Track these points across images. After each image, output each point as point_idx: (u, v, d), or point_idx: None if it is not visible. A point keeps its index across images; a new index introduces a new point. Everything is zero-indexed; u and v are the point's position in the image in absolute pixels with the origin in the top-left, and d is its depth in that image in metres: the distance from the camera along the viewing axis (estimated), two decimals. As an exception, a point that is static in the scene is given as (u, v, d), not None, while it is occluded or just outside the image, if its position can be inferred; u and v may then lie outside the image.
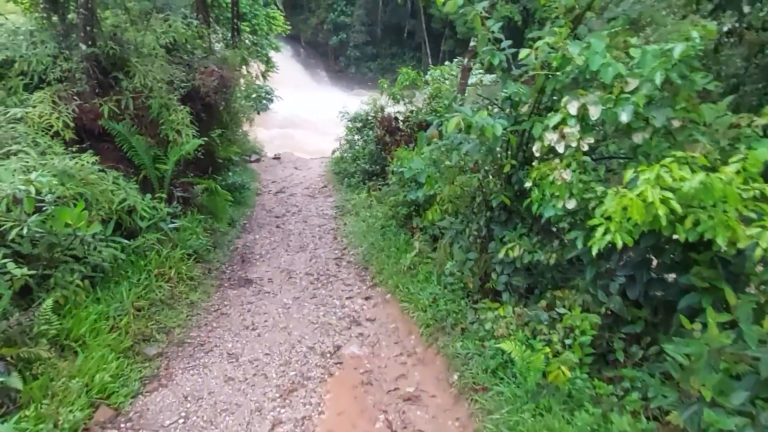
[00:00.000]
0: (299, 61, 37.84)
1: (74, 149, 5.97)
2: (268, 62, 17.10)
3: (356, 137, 14.47)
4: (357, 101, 15.19)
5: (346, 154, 14.45)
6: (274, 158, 17.74)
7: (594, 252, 2.83)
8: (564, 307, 3.98)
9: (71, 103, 6.47)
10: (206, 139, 8.76)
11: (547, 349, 3.48)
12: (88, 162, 5.67)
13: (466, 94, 10.82)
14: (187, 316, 5.68)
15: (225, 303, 6.22)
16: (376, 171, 12.11)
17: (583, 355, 3.47)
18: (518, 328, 4.09)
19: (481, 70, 12.78)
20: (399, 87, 13.30)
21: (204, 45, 10.64)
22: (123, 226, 6.05)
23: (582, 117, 3.22)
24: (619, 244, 2.73)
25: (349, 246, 8.32)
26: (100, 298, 5.04)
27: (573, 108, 3.14)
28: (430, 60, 34.08)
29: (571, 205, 3.30)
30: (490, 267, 5.04)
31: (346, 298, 6.43)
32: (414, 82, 12.91)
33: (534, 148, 3.50)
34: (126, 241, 5.82)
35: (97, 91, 6.75)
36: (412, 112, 11.98)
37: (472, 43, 7.75)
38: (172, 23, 8.86)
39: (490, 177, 5.31)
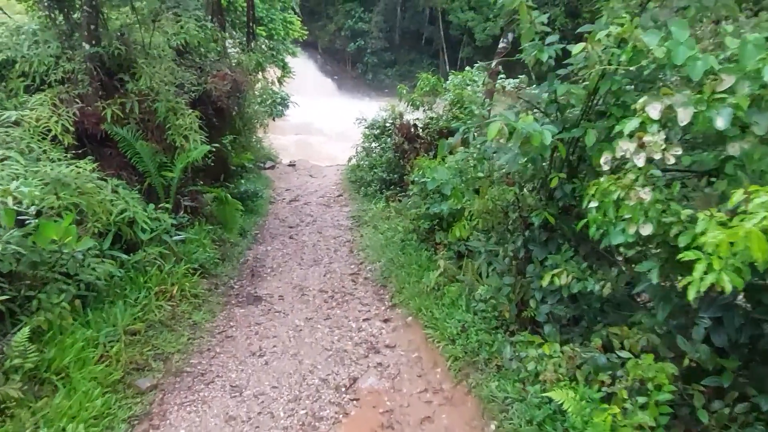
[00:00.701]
0: (316, 68, 37.49)
1: (70, 155, 5.46)
2: (284, 67, 16.66)
3: (373, 144, 13.93)
4: (374, 108, 14.67)
5: (362, 162, 13.91)
6: (289, 165, 17.29)
7: (691, 296, 2.17)
8: (623, 348, 3.32)
9: (72, 106, 5.98)
10: (217, 145, 8.25)
11: (615, 408, 2.82)
12: (85, 169, 5.15)
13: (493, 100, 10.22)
14: (189, 339, 5.10)
15: (231, 324, 5.63)
16: (394, 180, 11.53)
17: (658, 415, 2.80)
18: (568, 371, 3.42)
19: (502, 76, 12.04)
20: (418, 93, 12.73)
21: (218, 48, 10.18)
22: (123, 238, 5.52)
23: (665, 122, 2.57)
24: (728, 288, 2.07)
25: (366, 261, 7.71)
26: (90, 320, 4.48)
27: (654, 111, 2.49)
28: (447, 67, 33.50)
29: (647, 230, 2.63)
30: (528, 293, 4.38)
31: (363, 320, 5.81)
32: (434, 87, 12.34)
33: (602, 160, 2.85)
34: (125, 255, 5.29)
35: (100, 93, 6.25)
36: (432, 119, 11.38)
37: (501, 45, 7.12)
38: (184, 24, 8.40)
39: (527, 191, 4.67)
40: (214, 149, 8.21)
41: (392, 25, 37.49)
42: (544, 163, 4.21)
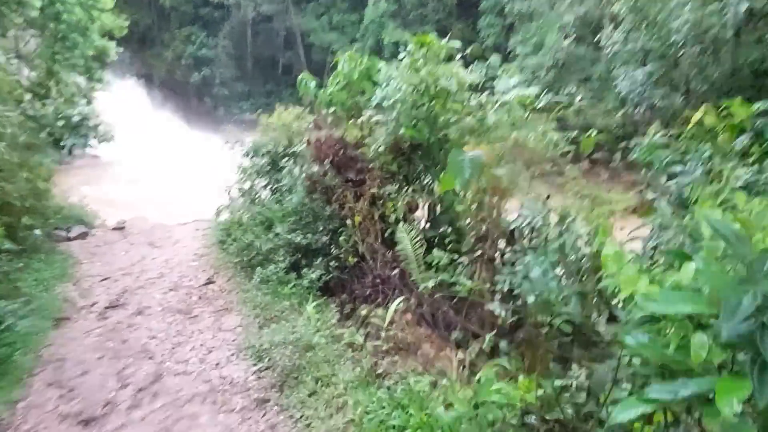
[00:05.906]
0: (154, 104, 29.43)
1: None
2: (89, 72, 9.71)
3: (260, 182, 7.91)
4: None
5: (244, 214, 7.66)
6: (116, 229, 10.23)
7: None
8: None
9: None
10: None
11: None
12: None
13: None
14: None
15: None
16: (320, 246, 5.73)
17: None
18: None
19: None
20: (335, 84, 7.13)
21: None
22: None
23: None
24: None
25: None
26: None
27: None
28: (313, 96, 28.31)
29: None
30: None
31: None
32: (367, 72, 6.86)
33: None
34: None
35: None
36: (377, 123, 5.85)
37: None
38: None
39: None
40: None
41: (243, 52, 31.10)
42: None
